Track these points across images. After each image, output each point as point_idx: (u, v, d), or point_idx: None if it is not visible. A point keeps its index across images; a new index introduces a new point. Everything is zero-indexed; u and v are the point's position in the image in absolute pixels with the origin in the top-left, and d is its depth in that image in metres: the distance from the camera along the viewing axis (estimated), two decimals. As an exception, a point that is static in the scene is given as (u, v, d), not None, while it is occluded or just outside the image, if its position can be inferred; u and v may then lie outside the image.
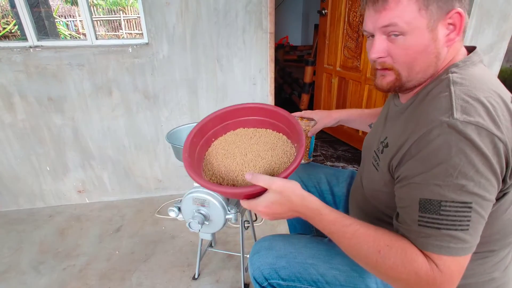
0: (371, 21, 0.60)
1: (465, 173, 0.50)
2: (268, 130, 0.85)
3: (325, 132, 2.90)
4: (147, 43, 1.64)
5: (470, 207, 0.51)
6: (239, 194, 0.66)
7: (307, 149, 1.11)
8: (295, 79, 3.86)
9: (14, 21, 4.86)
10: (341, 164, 2.37)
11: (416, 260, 0.53)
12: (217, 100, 1.82)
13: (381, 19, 0.58)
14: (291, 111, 1.16)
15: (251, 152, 0.77)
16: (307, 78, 3.25)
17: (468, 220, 0.51)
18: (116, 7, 10.07)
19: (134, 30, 8.95)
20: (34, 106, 1.68)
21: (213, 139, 0.83)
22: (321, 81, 2.77)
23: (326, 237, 0.87)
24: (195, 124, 0.80)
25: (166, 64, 1.69)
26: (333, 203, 1.08)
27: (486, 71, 0.60)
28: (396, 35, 0.58)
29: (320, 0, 2.52)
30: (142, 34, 1.65)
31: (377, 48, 0.61)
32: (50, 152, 1.81)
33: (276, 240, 0.81)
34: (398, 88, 0.65)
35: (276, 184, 0.61)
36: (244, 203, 0.66)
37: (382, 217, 0.74)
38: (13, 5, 1.55)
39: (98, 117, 1.77)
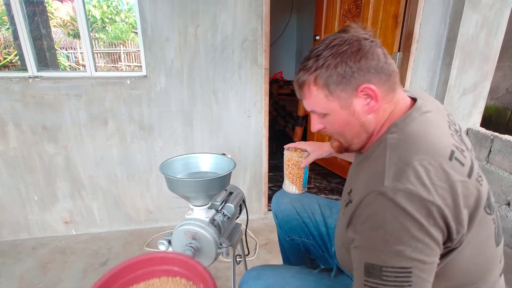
0: (304, 105, 0.70)
1: (400, 239, 0.51)
2: (162, 278, 0.78)
3: (318, 165, 2.92)
4: (145, 76, 1.69)
5: (410, 272, 0.51)
6: None
7: (301, 179, 1.12)
8: (288, 112, 3.95)
9: (16, 52, 4.98)
10: (335, 197, 2.36)
11: None
12: (212, 132, 1.84)
13: (306, 106, 0.69)
14: (285, 143, 1.18)
15: None
16: (301, 111, 3.33)
17: (410, 285, 0.52)
18: (117, 41, 10.44)
19: (133, 62, 9.20)
20: (27, 134, 1.68)
21: None
22: (314, 114, 2.83)
23: (316, 268, 0.85)
24: (189, 155, 0.79)
25: (163, 96, 1.73)
26: (327, 235, 1.06)
27: (426, 127, 0.60)
28: (322, 115, 0.67)
29: (313, 39, 2.66)
30: (140, 66, 1.70)
31: (313, 125, 0.72)
32: (40, 181, 1.78)
33: (265, 270, 0.81)
34: (345, 150, 0.72)
35: None
36: None
37: None
38: (16, 38, 1.60)
39: (92, 147, 1.76)
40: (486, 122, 3.04)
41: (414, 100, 0.68)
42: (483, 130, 1.89)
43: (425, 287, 0.53)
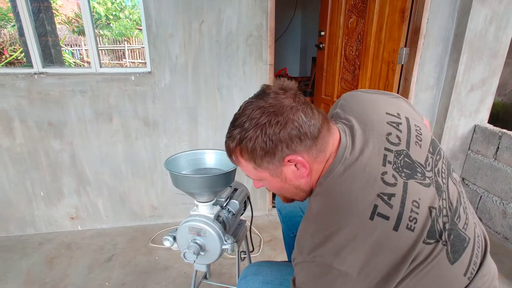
0: None
1: None
2: None
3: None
4: (149, 72, 1.68)
5: None
6: None
7: None
8: (293, 109, 3.92)
9: (21, 49, 5.01)
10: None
11: None
12: (216, 128, 1.84)
13: (241, 169, 0.68)
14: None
15: None
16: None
17: None
18: (121, 38, 10.47)
19: (137, 59, 9.23)
20: (33, 130, 1.69)
21: None
22: (319, 111, 2.81)
23: None
24: (194, 151, 0.79)
25: (167, 92, 1.73)
26: None
27: (345, 184, 0.59)
28: (259, 180, 0.68)
29: (317, 35, 2.63)
30: (145, 63, 1.70)
31: (254, 183, 0.72)
32: (46, 177, 1.79)
33: (264, 266, 0.82)
34: (292, 201, 0.76)
35: None
36: None
37: None
38: (22, 34, 1.60)
39: (97, 143, 1.77)
40: (494, 119, 2.99)
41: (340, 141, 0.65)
42: (490, 126, 1.86)
43: None
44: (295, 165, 0.61)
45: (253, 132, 0.58)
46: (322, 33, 2.56)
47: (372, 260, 0.53)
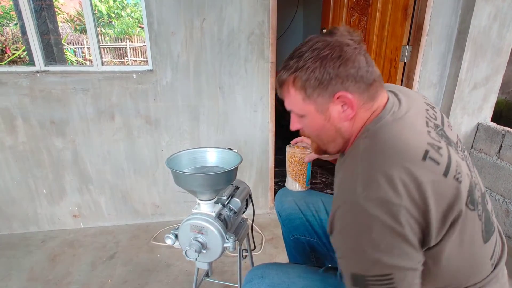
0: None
1: (377, 247, 0.52)
2: None
3: (325, 160, 2.89)
4: (151, 70, 1.68)
5: (391, 278, 0.52)
6: None
7: (304, 176, 1.10)
8: (295, 107, 3.92)
9: (24, 47, 5.02)
10: (341, 193, 2.34)
11: None
12: (218, 126, 1.84)
13: (285, 104, 0.69)
14: (291, 138, 1.17)
15: None
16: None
17: None
18: (123, 36, 10.47)
19: (139, 57, 9.24)
20: (36, 129, 1.70)
21: None
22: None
23: (321, 267, 0.84)
24: (196, 149, 0.79)
25: (169, 91, 1.73)
26: None
27: (396, 129, 0.59)
28: (300, 116, 0.67)
29: (319, 33, 2.62)
30: (147, 61, 1.70)
31: (292, 123, 0.72)
32: (48, 175, 1.80)
33: (270, 269, 0.80)
34: (324, 152, 0.73)
35: None
36: None
37: None
38: (24, 33, 1.61)
39: (99, 141, 1.78)
40: (497, 117, 2.97)
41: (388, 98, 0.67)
42: (494, 125, 1.85)
43: None
44: (342, 105, 0.62)
45: (312, 62, 0.60)
46: (324, 31, 2.55)
47: (425, 200, 0.52)
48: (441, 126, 0.66)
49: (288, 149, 1.10)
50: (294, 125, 0.71)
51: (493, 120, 1.96)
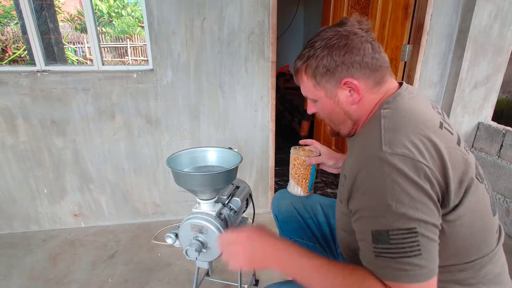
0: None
1: (402, 202, 0.53)
2: None
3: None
4: (151, 70, 1.68)
5: (415, 232, 0.53)
6: None
7: (307, 180, 1.05)
8: (295, 106, 3.92)
9: (24, 47, 5.03)
10: (342, 192, 2.34)
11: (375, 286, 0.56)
12: (218, 126, 1.84)
13: (302, 91, 0.75)
14: (292, 138, 1.16)
15: None
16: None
17: (418, 245, 0.53)
18: (124, 35, 10.47)
19: (139, 56, 9.23)
20: (36, 128, 1.70)
21: None
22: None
23: None
24: (196, 149, 0.79)
25: (170, 90, 1.73)
26: (330, 235, 1.05)
27: (414, 102, 0.65)
28: (313, 101, 0.74)
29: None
30: (147, 60, 1.70)
31: (308, 108, 0.79)
32: (49, 174, 1.80)
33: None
34: (337, 134, 0.78)
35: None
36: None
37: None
38: (24, 32, 1.61)
39: (100, 141, 1.78)
40: (498, 116, 2.97)
41: (400, 84, 0.71)
42: (494, 124, 1.84)
43: (432, 246, 0.54)
44: (349, 91, 0.67)
45: (321, 51, 0.65)
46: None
47: (445, 162, 0.56)
48: (442, 115, 0.71)
49: (292, 150, 1.07)
50: (310, 109, 0.78)
51: (493, 119, 1.96)
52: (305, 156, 1.02)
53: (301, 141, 1.11)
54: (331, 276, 0.58)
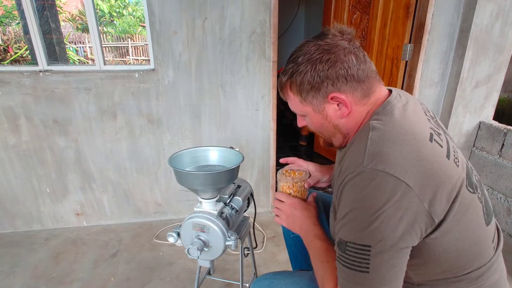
0: None
1: (366, 219, 0.53)
2: None
3: (325, 158, 2.90)
4: (153, 69, 1.69)
5: (368, 251, 0.54)
6: None
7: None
8: (296, 106, 3.91)
9: (26, 46, 5.04)
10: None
11: (329, 283, 0.63)
12: (220, 125, 1.85)
13: (289, 105, 0.73)
14: (292, 137, 1.17)
15: None
16: (309, 105, 3.30)
17: (367, 263, 0.54)
18: (125, 35, 10.48)
19: (141, 56, 9.24)
20: (39, 128, 1.71)
21: None
22: (322, 108, 2.81)
23: None
24: (198, 148, 0.79)
25: (171, 90, 1.73)
26: (329, 232, 1.05)
27: (405, 112, 0.63)
28: (302, 115, 0.73)
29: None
30: (148, 60, 1.70)
31: (298, 121, 0.78)
32: (51, 173, 1.81)
33: (277, 279, 0.78)
34: (330, 145, 0.76)
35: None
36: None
37: None
38: (26, 32, 1.61)
39: (101, 140, 1.79)
40: (499, 115, 2.96)
41: (390, 91, 0.70)
42: (496, 123, 1.84)
43: (385, 268, 0.54)
44: (338, 104, 0.65)
45: (304, 66, 0.63)
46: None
47: (431, 179, 0.54)
48: (435, 118, 0.71)
49: (281, 177, 0.89)
50: (300, 123, 0.77)
51: (495, 118, 1.96)
52: (301, 180, 0.87)
53: (282, 160, 1.01)
54: (318, 256, 0.70)
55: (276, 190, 0.99)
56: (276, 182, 2.06)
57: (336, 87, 0.62)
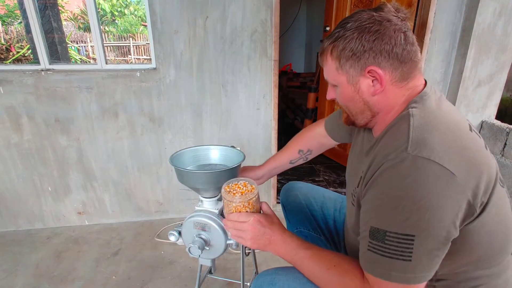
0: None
1: (409, 207, 0.52)
2: None
3: (327, 158, 2.90)
4: (154, 68, 1.69)
5: (412, 240, 0.52)
6: None
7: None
8: (298, 105, 3.92)
9: (28, 46, 5.06)
10: (344, 190, 2.34)
11: (352, 282, 0.60)
12: (221, 124, 1.85)
13: (323, 73, 0.71)
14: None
15: None
16: (310, 104, 3.30)
17: (410, 252, 0.53)
18: (126, 34, 10.49)
19: (142, 55, 9.25)
20: (41, 127, 1.71)
21: None
22: (324, 107, 2.81)
23: None
24: (199, 147, 0.78)
25: (173, 89, 1.73)
26: (334, 228, 1.06)
27: (442, 103, 0.63)
28: (334, 86, 0.70)
29: (323, 31, 2.61)
30: (150, 59, 1.70)
31: (328, 93, 0.75)
32: (53, 172, 1.82)
33: (279, 275, 0.77)
34: (352, 124, 0.74)
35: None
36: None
37: None
38: (28, 31, 1.62)
39: (103, 139, 1.79)
40: (502, 114, 2.95)
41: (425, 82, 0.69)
42: (498, 122, 1.83)
43: (426, 257, 0.53)
44: (372, 81, 0.63)
45: (351, 32, 0.61)
46: (328, 28, 2.54)
47: (474, 168, 0.53)
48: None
49: (226, 195, 0.77)
50: (329, 95, 0.74)
51: (497, 118, 1.95)
52: (254, 195, 0.79)
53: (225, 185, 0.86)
54: (318, 265, 0.65)
55: (223, 211, 0.87)
56: (277, 181, 2.06)
57: (377, 61, 0.60)
